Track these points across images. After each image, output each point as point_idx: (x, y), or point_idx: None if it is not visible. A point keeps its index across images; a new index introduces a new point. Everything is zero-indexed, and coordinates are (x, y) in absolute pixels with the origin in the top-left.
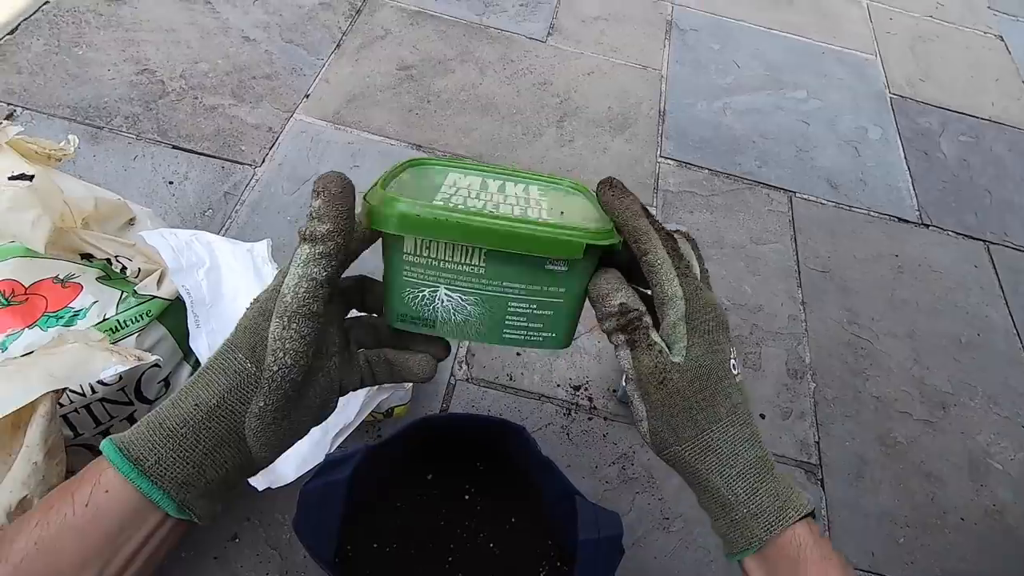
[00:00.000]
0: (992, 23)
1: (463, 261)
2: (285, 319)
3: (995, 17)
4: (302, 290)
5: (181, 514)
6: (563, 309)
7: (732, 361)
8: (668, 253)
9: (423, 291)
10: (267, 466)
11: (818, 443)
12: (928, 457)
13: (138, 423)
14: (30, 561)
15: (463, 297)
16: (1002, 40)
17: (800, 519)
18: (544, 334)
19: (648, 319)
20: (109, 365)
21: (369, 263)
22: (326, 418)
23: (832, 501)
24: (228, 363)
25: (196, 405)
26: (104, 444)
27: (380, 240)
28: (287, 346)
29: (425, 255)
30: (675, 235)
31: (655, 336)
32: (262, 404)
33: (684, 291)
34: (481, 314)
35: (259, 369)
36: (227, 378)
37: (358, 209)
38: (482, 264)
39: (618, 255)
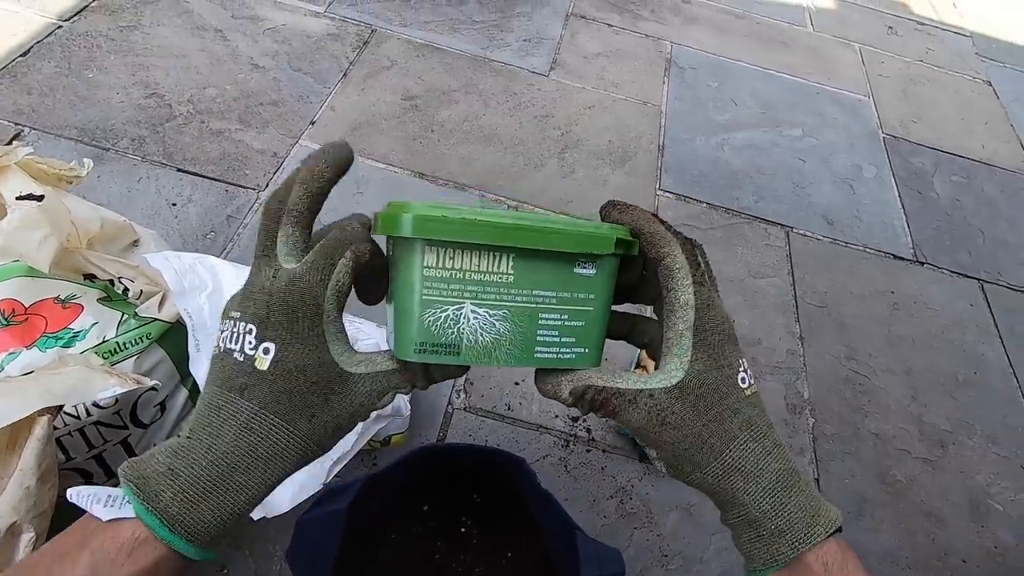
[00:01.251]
0: (980, 69)
1: (491, 270)
2: None
3: (983, 63)
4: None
5: (207, 556)
6: (593, 317)
7: (743, 374)
8: (687, 259)
9: (446, 310)
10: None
11: (817, 480)
12: (928, 496)
13: (196, 505)
14: None
15: (491, 312)
16: (990, 85)
17: (829, 536)
18: (577, 349)
19: (615, 385)
20: (107, 387)
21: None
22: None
23: None
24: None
25: (266, 485)
26: (172, 539)
27: (389, 267)
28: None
29: (449, 266)
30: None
31: (625, 382)
32: None
33: (696, 301)
34: (511, 331)
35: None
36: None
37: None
38: (510, 272)
39: (630, 268)
